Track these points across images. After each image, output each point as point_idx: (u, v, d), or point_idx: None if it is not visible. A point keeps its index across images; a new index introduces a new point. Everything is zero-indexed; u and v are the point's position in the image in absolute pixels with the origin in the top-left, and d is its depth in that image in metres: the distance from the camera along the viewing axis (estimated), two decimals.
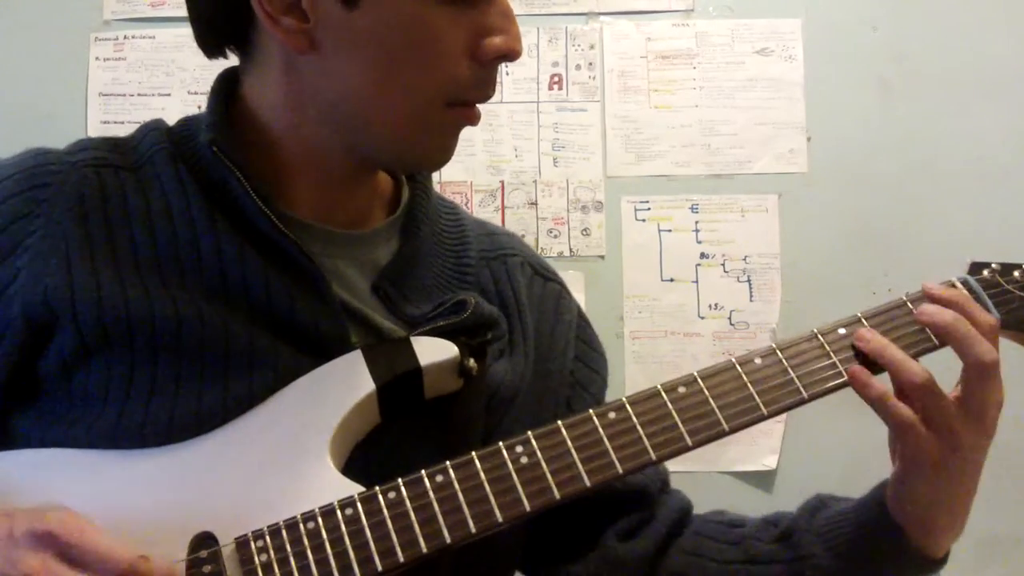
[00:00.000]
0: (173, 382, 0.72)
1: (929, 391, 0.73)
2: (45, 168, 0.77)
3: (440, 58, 0.74)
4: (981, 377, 0.73)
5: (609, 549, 0.88)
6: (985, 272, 0.82)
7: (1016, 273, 0.82)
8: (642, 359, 2.29)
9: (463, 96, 0.77)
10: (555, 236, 2.32)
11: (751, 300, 2.30)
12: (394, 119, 0.77)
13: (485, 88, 0.77)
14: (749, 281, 2.31)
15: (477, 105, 0.78)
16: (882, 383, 0.75)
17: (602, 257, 2.32)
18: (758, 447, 2.23)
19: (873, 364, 0.76)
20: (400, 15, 0.72)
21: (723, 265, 2.31)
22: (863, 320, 0.78)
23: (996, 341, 0.75)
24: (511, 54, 0.76)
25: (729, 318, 2.30)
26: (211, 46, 0.81)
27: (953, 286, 0.80)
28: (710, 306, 2.30)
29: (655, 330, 2.30)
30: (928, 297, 0.78)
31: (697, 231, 2.32)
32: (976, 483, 0.77)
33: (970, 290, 0.80)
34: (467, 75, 0.75)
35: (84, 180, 0.76)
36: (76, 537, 0.62)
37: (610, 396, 0.75)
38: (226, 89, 0.82)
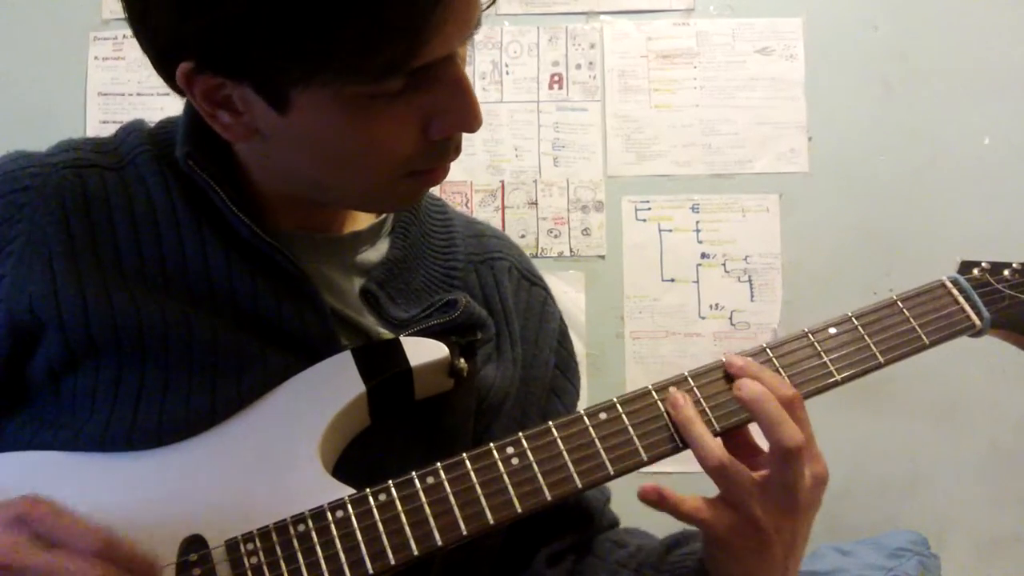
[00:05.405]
0: (161, 386, 0.71)
1: (721, 474, 0.69)
2: (25, 171, 0.75)
3: (386, 149, 0.69)
4: (784, 460, 0.68)
5: (538, 573, 0.87)
6: (975, 271, 0.81)
7: (1006, 272, 0.82)
8: (643, 359, 2.28)
9: (422, 167, 0.72)
10: (555, 236, 2.32)
11: (752, 300, 2.30)
12: (351, 192, 0.74)
13: (446, 157, 0.72)
14: (750, 281, 2.30)
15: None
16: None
17: (603, 257, 2.31)
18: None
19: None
20: (333, 122, 0.66)
21: (724, 265, 2.30)
22: (854, 319, 0.77)
23: (800, 412, 0.70)
24: (464, 131, 0.70)
25: (730, 318, 2.29)
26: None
27: (943, 285, 0.80)
28: (711, 306, 2.30)
29: (656, 330, 2.29)
30: (728, 368, 0.73)
31: (698, 231, 2.31)
32: (796, 559, 0.72)
33: (960, 289, 0.80)
34: (423, 151, 0.70)
35: (65, 182, 0.75)
36: (49, 518, 0.61)
37: (609, 396, 0.74)
38: None
